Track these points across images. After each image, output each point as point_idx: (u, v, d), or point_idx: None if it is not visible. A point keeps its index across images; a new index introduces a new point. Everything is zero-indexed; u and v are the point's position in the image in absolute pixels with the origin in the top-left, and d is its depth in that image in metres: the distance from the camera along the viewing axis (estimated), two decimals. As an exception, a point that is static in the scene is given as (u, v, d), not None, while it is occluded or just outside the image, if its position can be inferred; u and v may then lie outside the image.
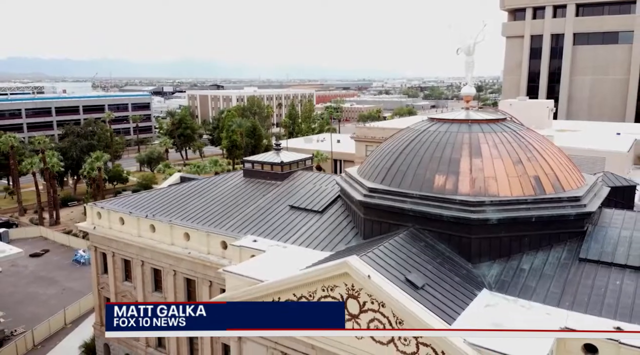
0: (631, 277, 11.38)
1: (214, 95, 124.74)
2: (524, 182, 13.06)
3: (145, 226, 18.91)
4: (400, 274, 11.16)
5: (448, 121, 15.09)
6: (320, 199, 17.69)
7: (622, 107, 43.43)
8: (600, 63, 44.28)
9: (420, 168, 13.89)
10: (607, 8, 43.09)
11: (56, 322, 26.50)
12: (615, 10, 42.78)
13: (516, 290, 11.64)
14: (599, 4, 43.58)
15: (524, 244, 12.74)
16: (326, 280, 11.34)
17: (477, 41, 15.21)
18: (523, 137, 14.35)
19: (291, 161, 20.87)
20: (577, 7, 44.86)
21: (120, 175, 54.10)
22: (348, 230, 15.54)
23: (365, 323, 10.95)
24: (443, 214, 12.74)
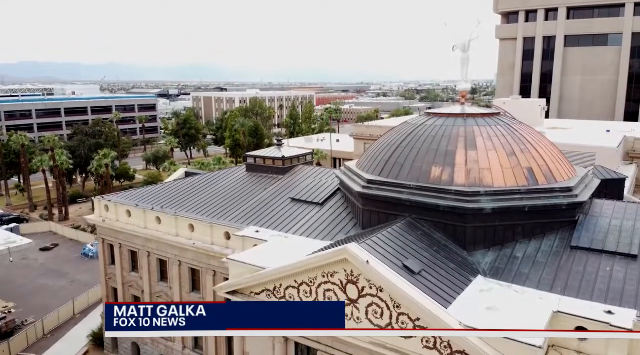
0: (621, 264, 11.73)
1: (217, 97, 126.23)
2: (517, 173, 13.46)
3: (151, 218, 19.54)
4: (397, 260, 11.59)
5: (444, 115, 15.54)
6: (321, 191, 18.19)
7: (611, 107, 44.30)
8: (591, 64, 45.38)
9: (417, 160, 14.34)
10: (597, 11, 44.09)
11: (65, 313, 27.25)
12: (604, 13, 43.84)
13: (510, 277, 12.03)
14: (589, 8, 44.64)
15: (518, 232, 13.13)
16: (326, 266, 11.78)
17: (472, 38, 15.66)
18: (516, 131, 14.75)
19: (292, 156, 21.41)
20: (568, 11, 46.10)
21: (127, 173, 55.15)
22: (347, 221, 16.02)
23: (364, 307, 11.39)
24: (439, 204, 13.17)
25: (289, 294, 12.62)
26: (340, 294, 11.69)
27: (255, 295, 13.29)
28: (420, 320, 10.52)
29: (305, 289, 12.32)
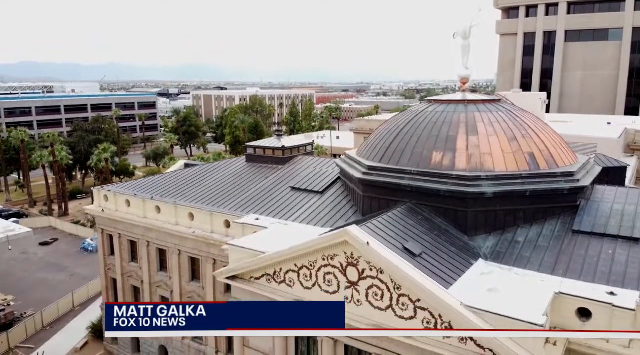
0: (623, 247, 11.65)
1: (217, 95, 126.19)
2: (518, 158, 13.39)
3: (151, 207, 19.47)
4: (398, 243, 11.53)
5: (445, 102, 15.48)
6: (321, 180, 18.13)
7: (612, 102, 44.37)
8: (591, 60, 45.45)
9: (417, 146, 14.28)
10: (598, 6, 44.21)
11: (64, 305, 27.21)
12: (605, 8, 43.87)
13: (511, 261, 11.96)
14: (589, 2, 44.80)
15: (519, 217, 13.06)
16: (326, 249, 11.72)
17: (473, 24, 15.61)
18: (518, 116, 14.70)
19: (292, 146, 21.35)
20: (569, 5, 46.18)
21: (127, 169, 55.10)
22: (348, 208, 15.95)
23: (364, 290, 11.33)
24: (440, 189, 13.10)
25: (289, 278, 12.56)
26: (340, 276, 11.63)
27: (255, 280, 13.22)
28: (421, 301, 10.46)
29: (305, 272, 12.25)
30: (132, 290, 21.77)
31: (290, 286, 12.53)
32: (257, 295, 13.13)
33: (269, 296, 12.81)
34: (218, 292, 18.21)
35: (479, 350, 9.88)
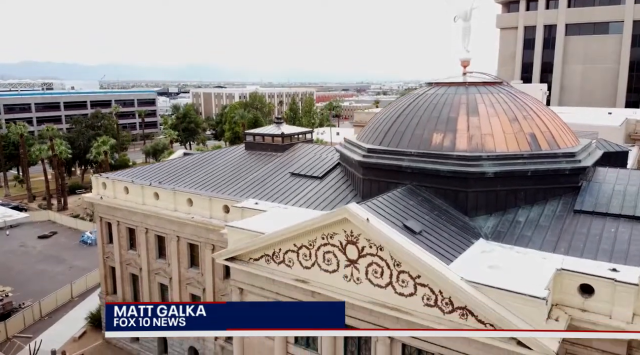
0: (625, 226, 11.57)
1: (217, 93, 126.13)
2: (520, 139, 13.30)
3: (149, 194, 19.36)
4: (398, 221, 11.44)
5: (445, 84, 15.38)
6: (320, 166, 18.04)
7: (612, 96, 44.35)
8: (591, 53, 45.42)
9: (418, 128, 14.18)
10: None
11: (63, 295, 27.12)
12: (605, 1, 43.94)
13: (512, 240, 11.87)
14: None
15: (520, 197, 12.97)
16: (326, 227, 11.62)
17: (473, 7, 15.53)
18: (519, 98, 14.61)
19: (292, 133, 21.27)
20: None
21: (126, 164, 54.99)
22: (347, 192, 15.86)
23: (363, 267, 11.22)
24: (440, 169, 13.01)
25: (288, 258, 12.45)
26: (340, 255, 11.53)
27: (254, 261, 13.11)
28: (421, 277, 10.36)
29: (304, 252, 12.15)
30: (131, 278, 21.66)
31: (290, 266, 12.42)
32: (256, 278, 13.01)
33: (268, 276, 12.70)
34: (217, 278, 18.10)
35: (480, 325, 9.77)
